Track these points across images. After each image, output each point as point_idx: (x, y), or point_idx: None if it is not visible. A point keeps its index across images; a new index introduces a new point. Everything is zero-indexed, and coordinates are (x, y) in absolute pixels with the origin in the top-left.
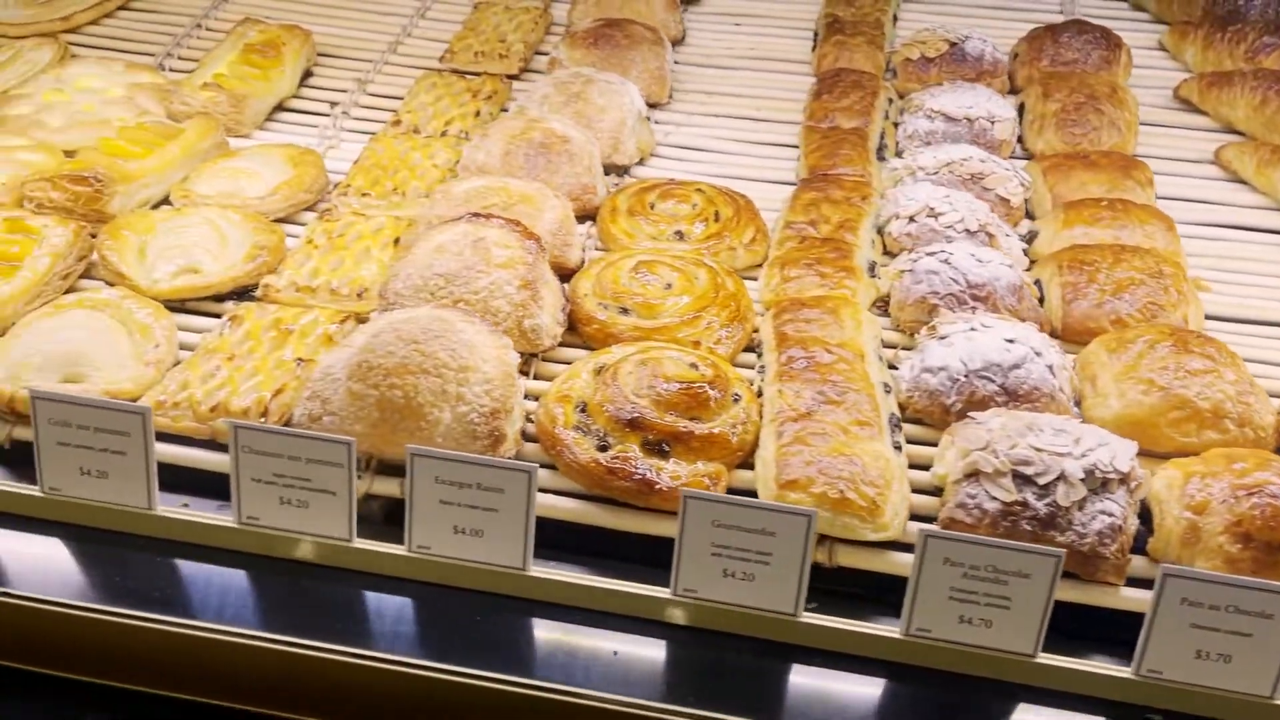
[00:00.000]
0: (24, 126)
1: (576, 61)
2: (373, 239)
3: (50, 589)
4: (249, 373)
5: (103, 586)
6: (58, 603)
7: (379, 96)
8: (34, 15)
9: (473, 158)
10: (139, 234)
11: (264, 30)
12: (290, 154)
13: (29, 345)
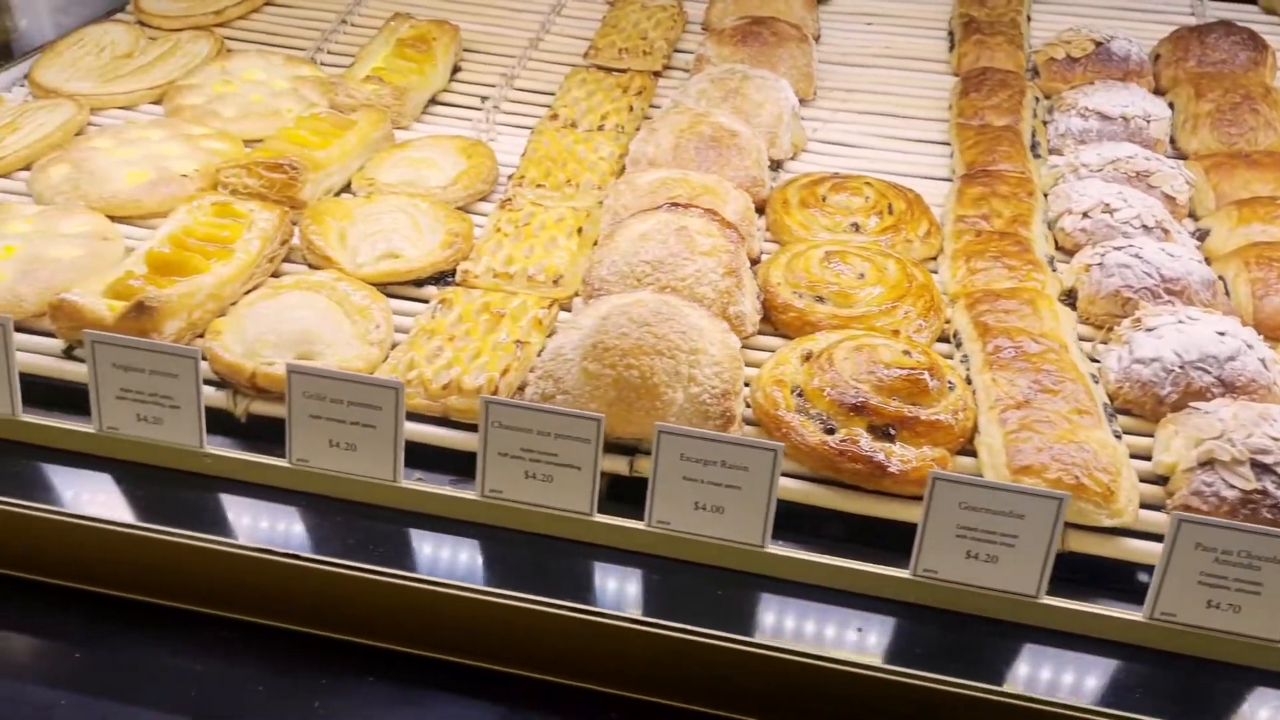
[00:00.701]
0: (199, 116)
1: (724, 58)
2: (557, 228)
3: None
4: (472, 353)
5: (356, 549)
6: (324, 561)
7: (526, 91)
8: (188, 9)
9: (642, 150)
10: (338, 220)
11: (415, 25)
12: (462, 145)
13: (261, 324)
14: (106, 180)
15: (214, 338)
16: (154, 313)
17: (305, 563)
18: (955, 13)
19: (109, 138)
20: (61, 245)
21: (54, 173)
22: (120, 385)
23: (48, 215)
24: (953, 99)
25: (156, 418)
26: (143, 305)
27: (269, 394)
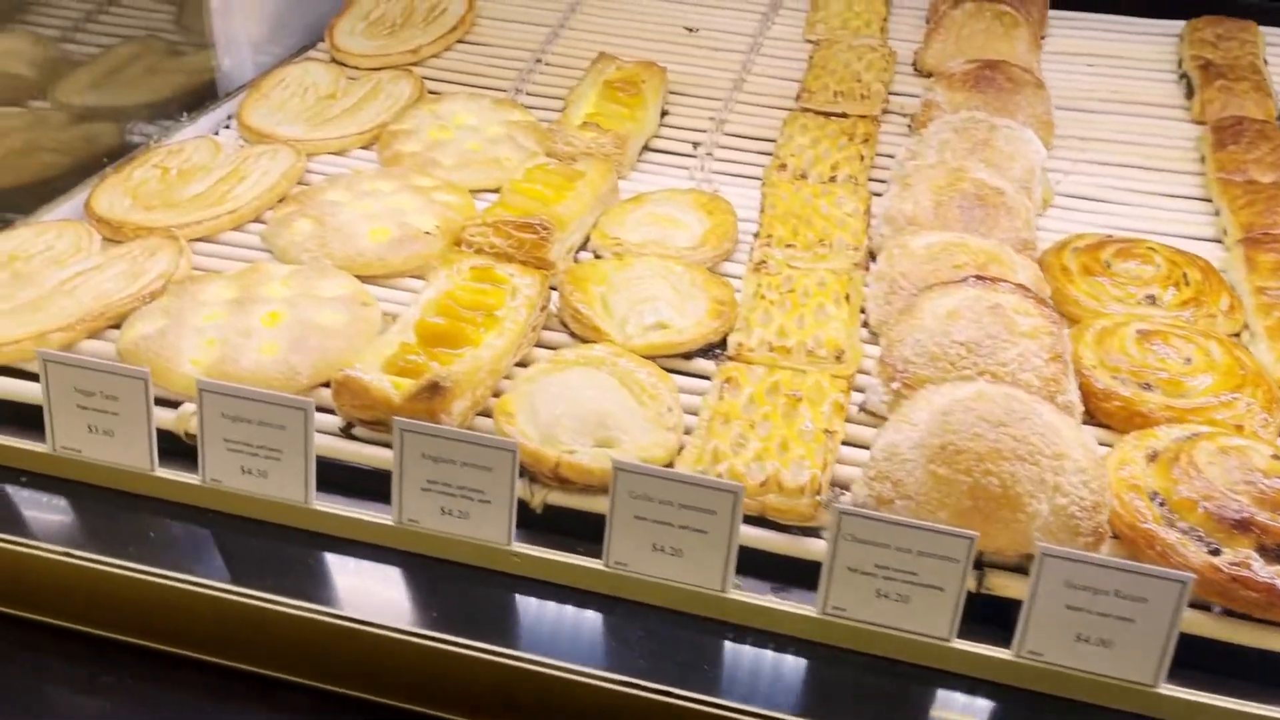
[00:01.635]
0: (420, 165)
1: (957, 104)
2: (823, 294)
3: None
4: (779, 443)
5: (687, 667)
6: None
7: (737, 136)
8: (383, 46)
9: (899, 209)
10: (597, 285)
11: (621, 67)
12: (699, 200)
13: (553, 406)
14: (352, 238)
15: (506, 420)
16: (446, 394)
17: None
18: (1186, 55)
19: (342, 190)
20: (325, 311)
21: (297, 229)
22: (427, 476)
23: (301, 277)
24: (1205, 151)
25: (463, 512)
26: (437, 386)
27: (571, 485)
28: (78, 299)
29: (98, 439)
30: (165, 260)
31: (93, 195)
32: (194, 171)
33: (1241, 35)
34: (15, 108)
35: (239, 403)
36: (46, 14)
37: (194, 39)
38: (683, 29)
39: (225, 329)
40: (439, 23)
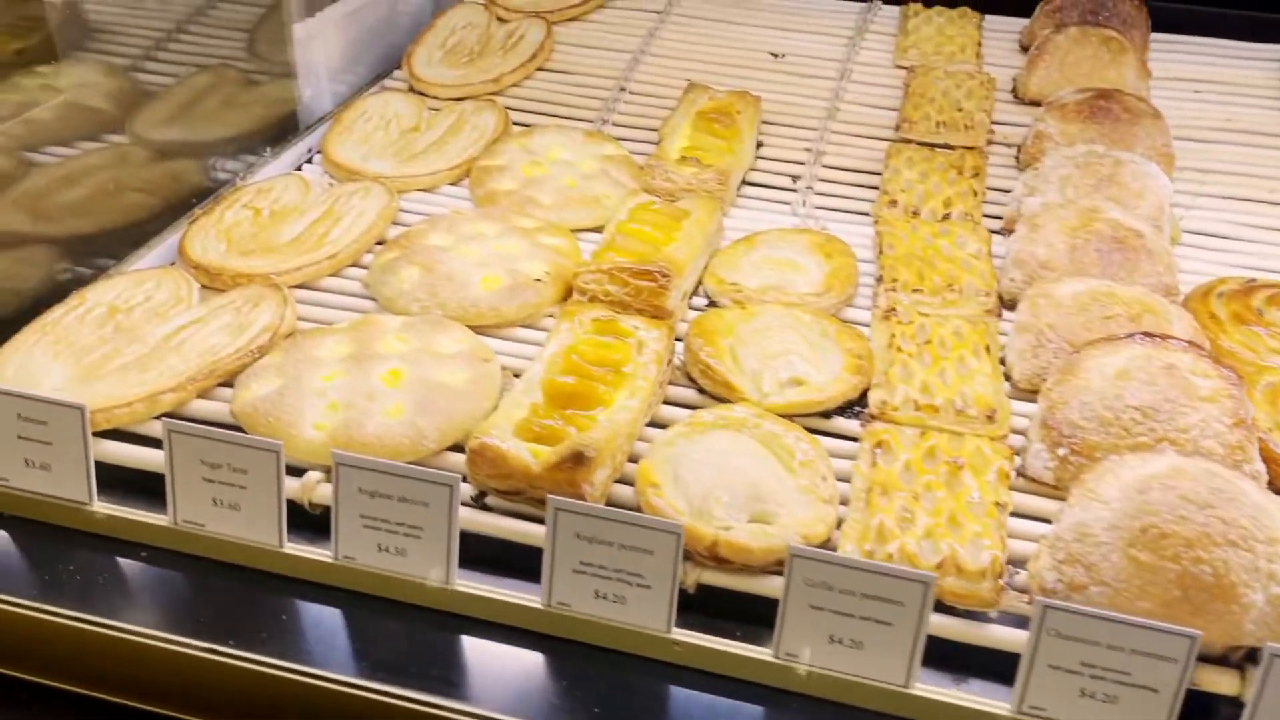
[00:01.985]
0: (518, 203)
1: (1071, 136)
2: (962, 346)
3: None
4: (948, 518)
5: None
6: None
7: (836, 168)
8: (463, 76)
9: (1030, 252)
10: (724, 337)
11: (714, 97)
12: (814, 241)
13: (699, 475)
14: (464, 287)
15: (653, 492)
16: (591, 463)
17: None
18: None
19: (444, 233)
20: (446, 368)
21: (404, 277)
22: (581, 558)
23: (417, 331)
24: None
25: (619, 595)
26: (582, 456)
27: (728, 565)
28: (185, 356)
29: (223, 512)
30: (269, 311)
31: (186, 239)
32: (286, 212)
33: None
34: (95, 143)
35: (379, 477)
36: (116, 43)
37: (271, 68)
38: (767, 54)
39: (346, 391)
40: (518, 50)
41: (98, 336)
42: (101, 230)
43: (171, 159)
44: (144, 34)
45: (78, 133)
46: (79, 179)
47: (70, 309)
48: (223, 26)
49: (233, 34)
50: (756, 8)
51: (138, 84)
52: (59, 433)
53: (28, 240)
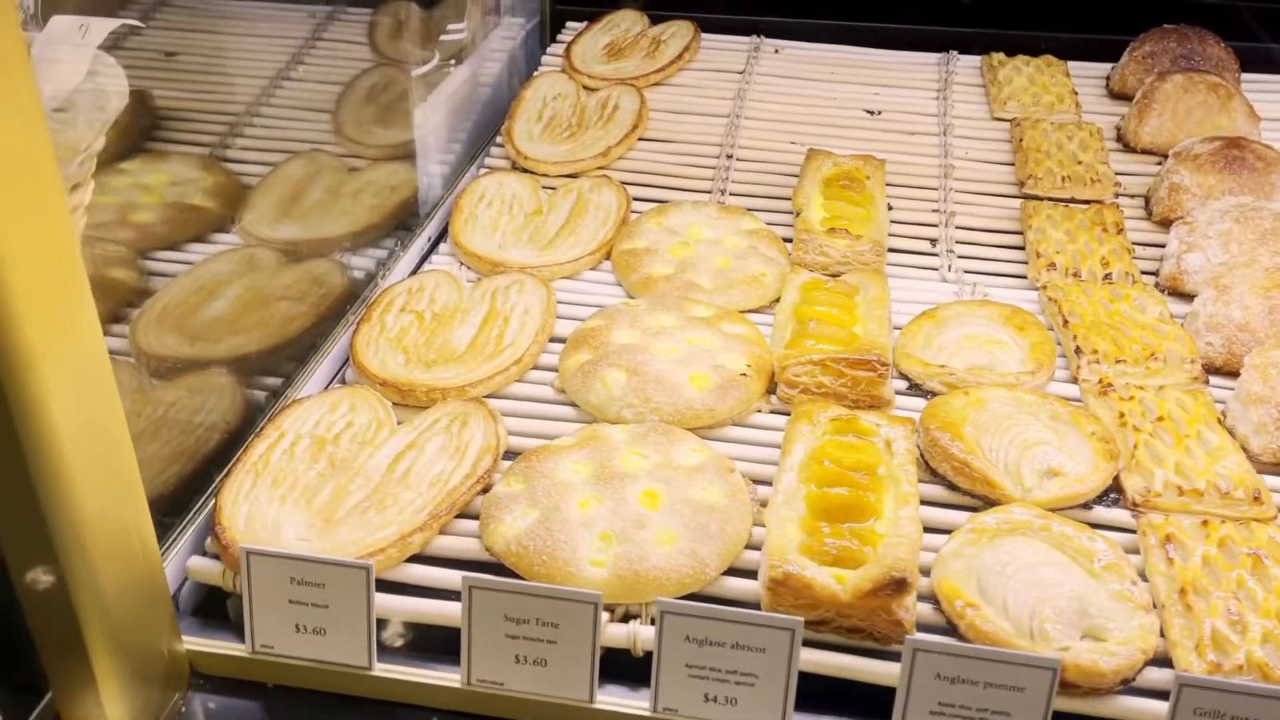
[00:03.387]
0: (680, 288)
1: (1208, 188)
2: (1196, 419)
3: None
4: (1276, 618)
5: None
6: None
7: (969, 229)
8: (571, 152)
9: (1225, 314)
10: (964, 427)
11: (838, 163)
12: (1002, 313)
13: (1019, 592)
14: (675, 389)
15: (975, 614)
16: (909, 587)
17: None
18: None
19: (627, 328)
20: (697, 485)
21: (610, 382)
22: (939, 698)
23: (649, 443)
24: None
25: None
26: (904, 582)
27: (1074, 689)
28: (415, 488)
29: (525, 669)
30: (480, 430)
31: (359, 355)
32: (449, 314)
33: None
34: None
35: (709, 625)
36: (196, 131)
37: (377, 153)
38: (862, 112)
39: (611, 519)
40: (616, 120)
41: (316, 474)
42: (263, 347)
43: (302, 260)
44: (221, 120)
45: (186, 235)
46: (217, 291)
47: (273, 444)
48: (309, 109)
49: (319, 116)
50: (834, 64)
51: (233, 176)
52: (338, 594)
53: (194, 366)
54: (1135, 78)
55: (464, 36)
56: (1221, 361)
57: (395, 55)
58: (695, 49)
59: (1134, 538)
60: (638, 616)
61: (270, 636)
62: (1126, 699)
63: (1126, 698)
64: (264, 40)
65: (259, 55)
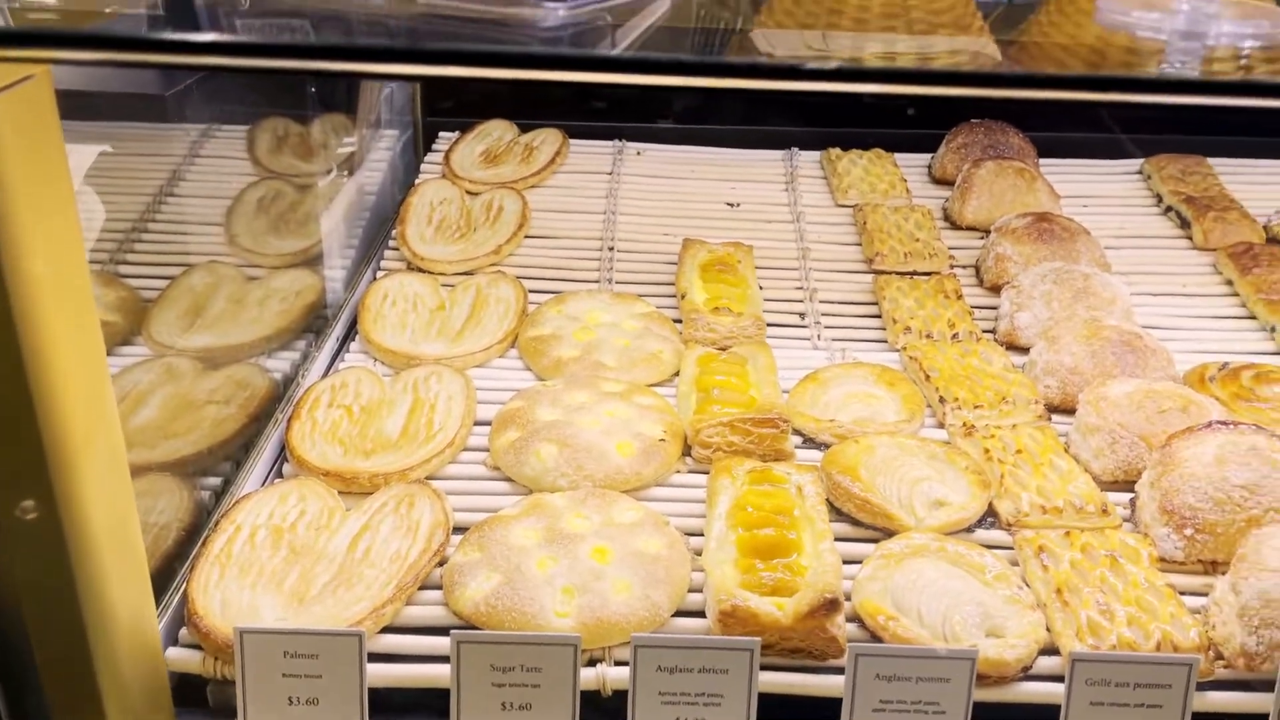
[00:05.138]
0: (588, 368)
1: (1027, 256)
2: (1046, 450)
3: None
4: (1139, 606)
5: None
6: None
7: (831, 302)
8: (464, 251)
9: (1057, 360)
10: (861, 470)
11: (711, 250)
12: (873, 371)
13: (930, 603)
14: (604, 456)
15: (896, 625)
16: (840, 607)
17: None
18: (1165, 191)
19: (549, 406)
20: (640, 538)
21: (544, 455)
22: (880, 696)
23: (588, 507)
24: (1230, 275)
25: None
26: (835, 602)
27: (984, 679)
28: (377, 565)
29: (511, 715)
30: (428, 507)
31: (296, 450)
32: (375, 407)
33: (1200, 169)
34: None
35: (678, 653)
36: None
37: (279, 260)
38: (723, 204)
39: (570, 575)
40: (503, 220)
41: (281, 560)
42: (200, 449)
43: (220, 366)
44: (112, 237)
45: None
46: (143, 399)
47: (231, 537)
48: (200, 223)
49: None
50: (692, 163)
51: (133, 290)
52: (330, 663)
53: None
54: (953, 165)
55: (354, 149)
56: (1059, 400)
57: (282, 169)
58: (565, 153)
59: (1013, 552)
60: (602, 660)
61: (263, 713)
62: (1027, 685)
63: (1027, 684)
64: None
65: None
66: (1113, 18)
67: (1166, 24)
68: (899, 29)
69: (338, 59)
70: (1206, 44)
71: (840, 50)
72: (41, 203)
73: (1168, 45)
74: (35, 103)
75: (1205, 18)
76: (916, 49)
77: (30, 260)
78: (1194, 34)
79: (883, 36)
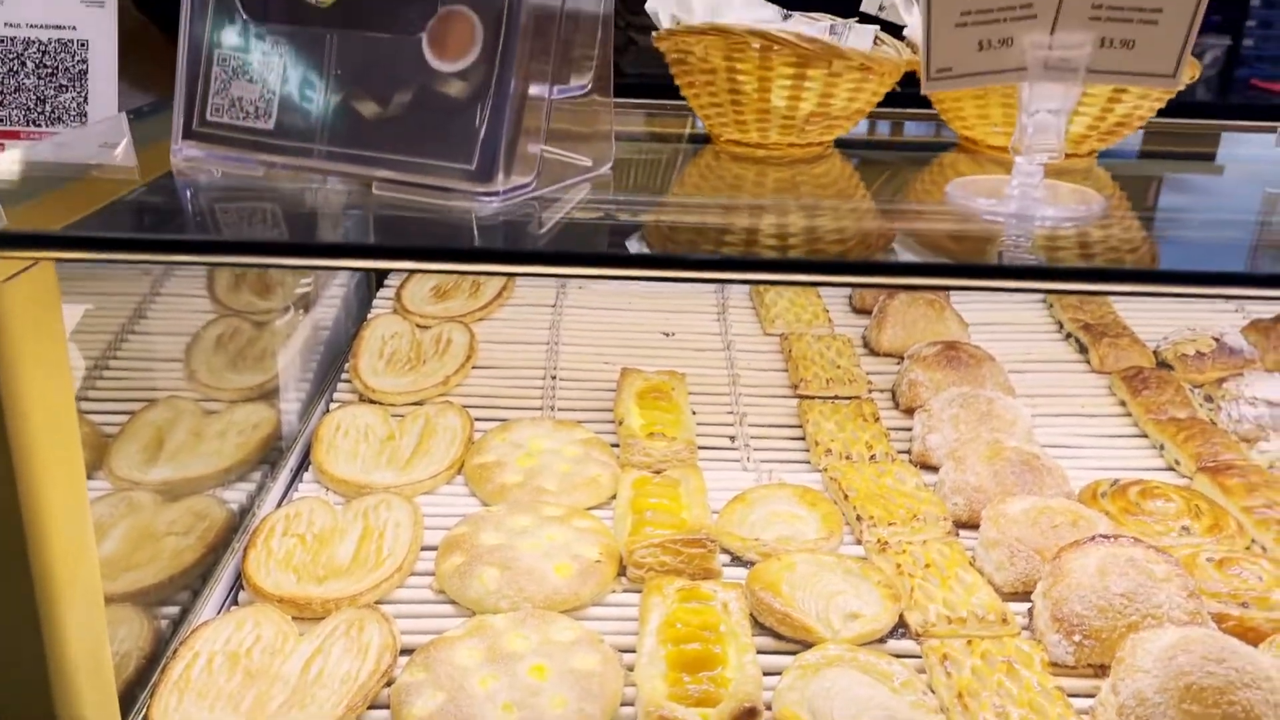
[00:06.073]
0: (530, 493)
1: (937, 382)
2: (953, 563)
3: None
4: (1030, 708)
5: None
6: None
7: (759, 425)
8: (414, 382)
9: (963, 479)
10: (782, 586)
11: (647, 378)
12: (796, 492)
13: (841, 711)
14: (543, 578)
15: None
16: (760, 714)
17: None
18: (1065, 318)
19: (492, 531)
20: (576, 656)
21: (486, 578)
22: None
23: (527, 626)
24: (1123, 396)
25: None
26: (754, 710)
27: None
28: (329, 686)
29: None
30: (377, 631)
31: (252, 578)
32: (327, 535)
33: (1096, 298)
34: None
35: None
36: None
37: (237, 394)
38: (660, 334)
39: (510, 692)
40: (451, 353)
41: (237, 684)
42: (160, 580)
43: (180, 498)
44: (76, 372)
45: None
46: (105, 532)
47: (189, 664)
48: (160, 359)
49: (171, 365)
50: (631, 295)
51: (94, 426)
52: None
53: None
54: (870, 296)
55: (309, 287)
56: (966, 516)
57: (241, 306)
58: (511, 288)
59: (921, 660)
60: None
61: None
62: None
63: None
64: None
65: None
66: (960, 202)
67: (1002, 209)
68: (790, 205)
69: (309, 256)
70: (1034, 227)
71: (736, 231)
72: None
73: (1005, 229)
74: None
75: (1034, 203)
76: (803, 229)
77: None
78: (1025, 217)
79: (776, 219)
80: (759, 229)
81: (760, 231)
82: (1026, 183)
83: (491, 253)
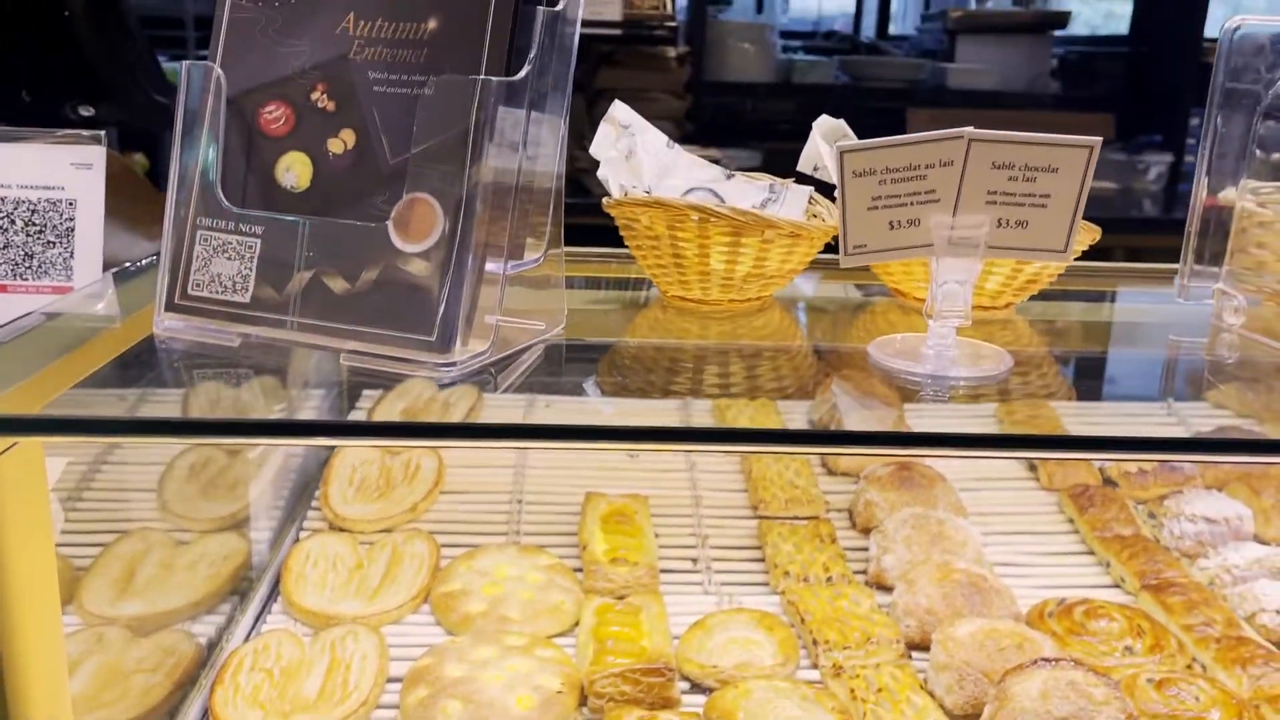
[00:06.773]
0: (494, 622)
1: (891, 502)
2: (903, 688)
3: None
4: None
5: None
6: None
7: (721, 547)
8: (383, 509)
9: (915, 601)
10: (739, 715)
11: (611, 502)
12: (754, 617)
13: None
14: (505, 710)
15: None
16: None
17: None
18: None
19: (455, 663)
20: None
21: (449, 711)
22: None
23: None
24: (1071, 514)
25: None
26: None
27: None
28: None
29: None
30: None
31: (219, 715)
32: (294, 668)
33: (1044, 413)
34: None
35: None
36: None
37: (209, 525)
38: (625, 454)
39: None
40: (419, 479)
41: None
42: (132, 718)
43: (149, 633)
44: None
45: None
46: (75, 670)
47: None
48: (135, 490)
49: (144, 495)
50: (597, 413)
51: (66, 560)
52: None
53: None
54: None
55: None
56: (918, 638)
57: None
58: (480, 408)
59: None
60: None
61: None
62: None
63: None
64: None
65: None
66: (881, 362)
67: (918, 369)
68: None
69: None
70: (948, 387)
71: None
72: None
73: (922, 388)
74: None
75: (948, 363)
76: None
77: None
78: (940, 378)
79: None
80: (701, 386)
81: (703, 385)
82: (940, 344)
83: (446, 428)
